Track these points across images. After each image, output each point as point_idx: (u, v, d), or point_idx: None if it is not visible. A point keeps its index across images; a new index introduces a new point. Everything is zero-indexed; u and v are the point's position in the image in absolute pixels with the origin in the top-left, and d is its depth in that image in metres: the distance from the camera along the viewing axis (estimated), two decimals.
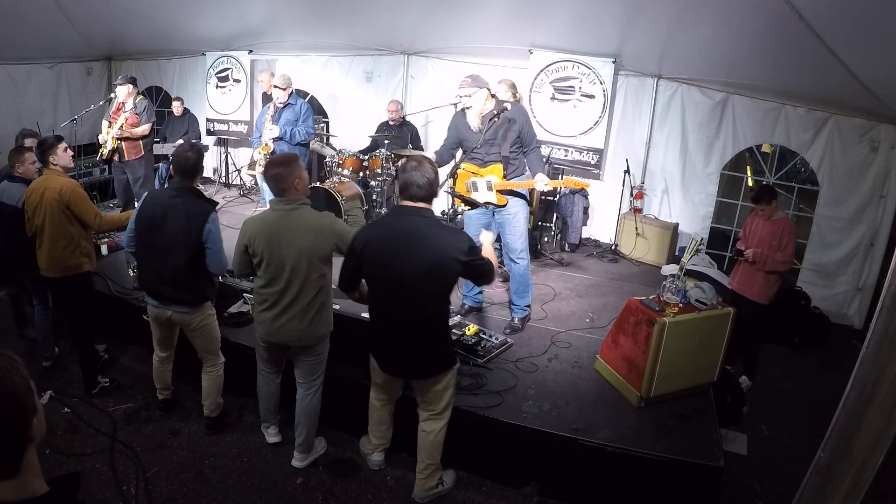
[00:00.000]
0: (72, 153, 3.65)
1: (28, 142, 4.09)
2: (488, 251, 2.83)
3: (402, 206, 2.63)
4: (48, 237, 3.42)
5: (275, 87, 5.30)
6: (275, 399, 3.23)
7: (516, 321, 4.10)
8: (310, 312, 2.84)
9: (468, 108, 3.76)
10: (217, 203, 3.17)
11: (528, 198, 4.02)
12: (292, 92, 5.32)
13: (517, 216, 3.89)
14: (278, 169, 2.78)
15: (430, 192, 2.57)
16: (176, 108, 7.13)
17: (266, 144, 5.35)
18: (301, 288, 2.78)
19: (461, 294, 4.32)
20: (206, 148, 7.64)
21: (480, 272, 2.64)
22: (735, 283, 4.20)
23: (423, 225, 2.55)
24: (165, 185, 6.99)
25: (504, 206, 3.86)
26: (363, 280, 2.71)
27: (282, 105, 5.26)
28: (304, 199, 2.83)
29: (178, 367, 3.65)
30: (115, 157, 5.64)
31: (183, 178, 3.04)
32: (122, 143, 5.53)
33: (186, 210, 2.96)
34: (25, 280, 3.91)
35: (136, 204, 5.06)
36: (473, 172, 3.87)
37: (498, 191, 3.81)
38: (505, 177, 3.80)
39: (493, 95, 3.82)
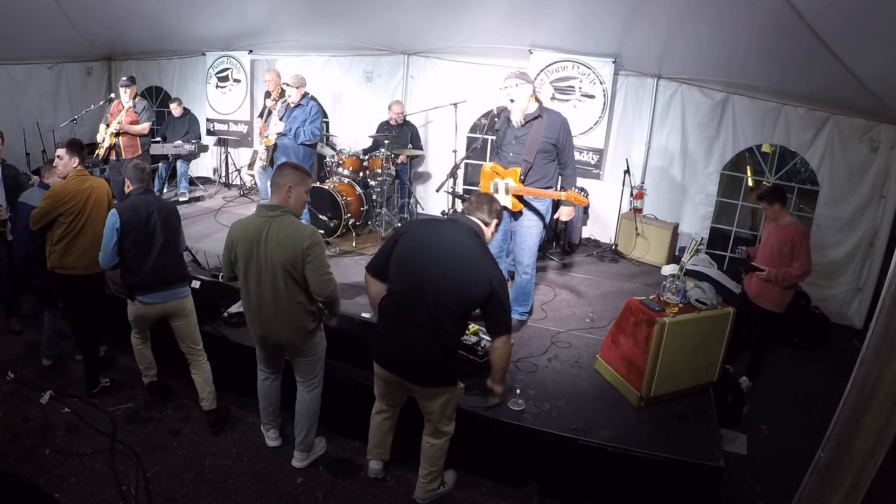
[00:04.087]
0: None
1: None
2: None
3: (460, 214, 2.68)
4: (94, 233, 3.47)
5: (286, 84, 5.30)
6: (274, 400, 3.23)
7: (514, 321, 4.09)
8: (290, 318, 2.80)
9: (511, 102, 3.69)
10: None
11: (546, 215, 3.90)
12: (305, 93, 5.31)
13: (530, 230, 3.87)
14: (288, 168, 2.84)
15: (488, 210, 2.67)
16: (174, 109, 7.13)
17: (268, 138, 5.36)
18: (277, 294, 2.75)
19: None
20: (205, 148, 7.65)
21: (499, 313, 2.57)
22: (752, 291, 4.11)
23: (468, 240, 2.56)
24: (164, 188, 7.05)
25: (519, 212, 3.84)
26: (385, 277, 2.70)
27: (294, 104, 5.27)
28: (291, 209, 2.78)
29: (175, 367, 3.65)
30: (113, 156, 5.64)
31: (144, 184, 3.39)
32: (120, 139, 5.53)
33: (162, 204, 3.40)
34: (37, 285, 3.89)
35: None
36: (497, 173, 3.85)
37: (514, 196, 3.78)
38: (523, 181, 3.75)
39: (536, 97, 3.75)
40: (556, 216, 3.87)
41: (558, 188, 3.96)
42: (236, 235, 2.79)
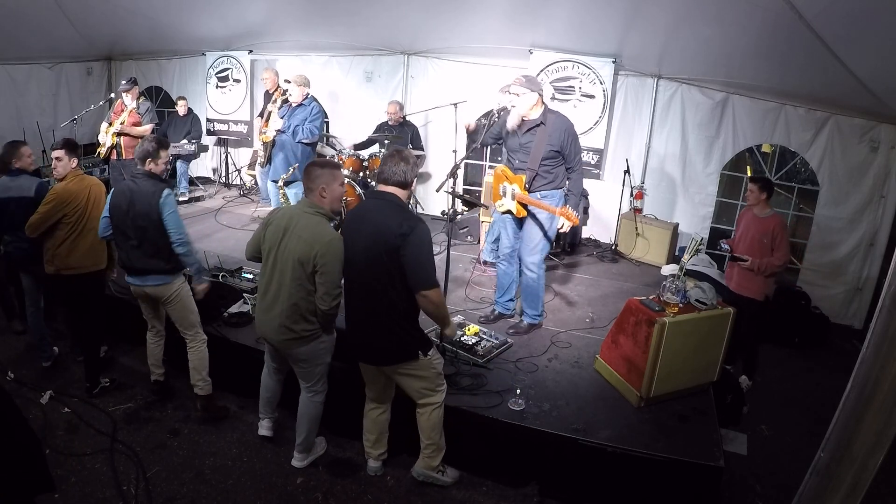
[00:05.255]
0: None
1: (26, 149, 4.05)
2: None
3: (373, 190, 2.73)
4: (96, 231, 3.49)
5: (287, 80, 5.31)
6: (274, 393, 3.23)
7: (523, 324, 4.08)
8: (281, 313, 2.80)
9: (512, 108, 3.68)
10: (170, 183, 3.48)
11: (551, 218, 3.83)
12: (308, 94, 5.32)
13: (537, 229, 3.85)
14: (318, 169, 2.82)
15: (401, 180, 2.66)
16: (181, 107, 7.12)
17: (265, 134, 5.37)
18: (283, 290, 2.78)
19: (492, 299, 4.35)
20: (205, 148, 7.65)
21: (410, 262, 2.50)
22: (733, 284, 4.18)
23: (376, 206, 2.63)
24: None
25: (523, 217, 3.85)
26: None
27: (296, 103, 5.28)
28: (326, 210, 2.81)
29: (175, 368, 3.65)
30: (114, 155, 5.64)
31: (142, 164, 3.30)
32: (121, 139, 5.54)
33: (145, 191, 3.23)
34: (26, 275, 3.90)
35: None
36: (507, 177, 3.85)
37: (518, 202, 3.78)
38: (528, 189, 3.74)
39: (543, 103, 3.70)
40: (559, 228, 3.82)
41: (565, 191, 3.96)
42: (271, 218, 2.89)
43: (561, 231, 3.85)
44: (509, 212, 3.88)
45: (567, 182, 3.87)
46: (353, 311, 2.77)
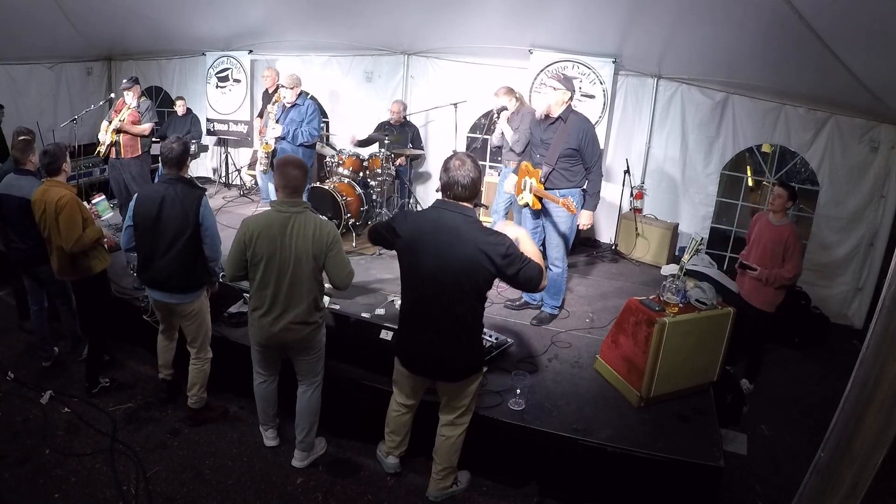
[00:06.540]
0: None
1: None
2: (528, 248, 2.57)
3: (444, 201, 2.58)
4: (52, 243, 3.46)
5: (281, 85, 5.29)
6: (272, 402, 3.22)
7: (545, 314, 4.25)
8: (308, 312, 2.84)
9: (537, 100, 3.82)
10: (205, 189, 3.35)
11: (566, 218, 3.93)
12: (301, 93, 5.30)
13: (556, 225, 3.96)
14: (297, 171, 2.80)
15: (473, 192, 2.55)
16: (179, 107, 7.12)
17: (267, 143, 5.35)
18: (300, 289, 2.79)
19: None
20: (205, 148, 7.65)
21: (520, 277, 2.46)
22: (743, 291, 4.14)
23: (463, 223, 2.49)
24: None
25: (538, 210, 3.96)
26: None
27: (289, 105, 5.26)
28: (308, 204, 2.88)
29: (179, 365, 3.65)
30: (113, 154, 5.63)
31: (171, 169, 3.19)
32: (121, 138, 5.53)
33: (181, 198, 3.11)
34: (26, 276, 3.91)
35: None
36: (528, 171, 3.94)
37: (535, 195, 3.89)
38: (544, 184, 3.84)
39: (569, 102, 3.85)
40: (579, 225, 3.97)
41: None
42: (254, 231, 2.78)
43: (581, 228, 4.00)
44: (527, 205, 3.98)
45: (586, 182, 3.94)
46: (423, 324, 2.62)
